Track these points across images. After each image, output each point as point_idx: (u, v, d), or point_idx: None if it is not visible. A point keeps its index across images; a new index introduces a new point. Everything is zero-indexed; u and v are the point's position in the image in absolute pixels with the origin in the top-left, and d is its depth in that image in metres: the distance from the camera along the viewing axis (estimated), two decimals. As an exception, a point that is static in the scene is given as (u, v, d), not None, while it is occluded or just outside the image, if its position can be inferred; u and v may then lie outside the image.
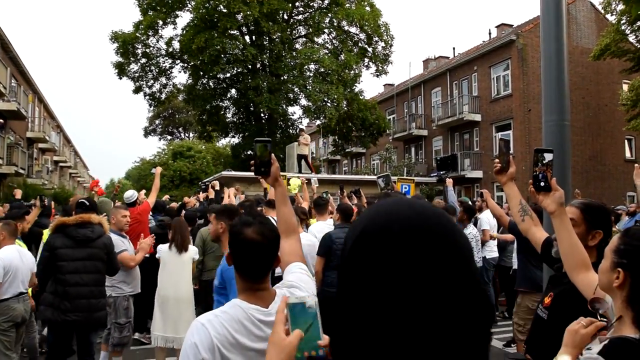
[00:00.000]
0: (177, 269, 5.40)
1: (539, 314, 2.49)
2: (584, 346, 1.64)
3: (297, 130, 21.42)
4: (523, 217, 2.52)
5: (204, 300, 5.91)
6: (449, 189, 7.92)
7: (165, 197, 10.18)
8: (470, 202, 8.60)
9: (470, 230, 7.20)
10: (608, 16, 21.74)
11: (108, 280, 5.00)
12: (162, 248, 5.46)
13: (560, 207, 2.07)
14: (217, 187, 8.90)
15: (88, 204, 4.97)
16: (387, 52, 26.24)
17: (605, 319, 1.73)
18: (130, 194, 7.51)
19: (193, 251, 5.64)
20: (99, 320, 4.69)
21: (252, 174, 2.07)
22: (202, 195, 9.32)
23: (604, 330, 1.65)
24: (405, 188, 8.73)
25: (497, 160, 2.45)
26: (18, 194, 8.05)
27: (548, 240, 2.47)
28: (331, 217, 6.22)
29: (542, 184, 2.10)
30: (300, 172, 16.55)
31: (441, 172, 7.11)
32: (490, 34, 30.69)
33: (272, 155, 2.04)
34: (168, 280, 5.36)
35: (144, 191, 7.79)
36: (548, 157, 2.12)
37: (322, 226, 5.81)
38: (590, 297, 1.86)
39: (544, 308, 2.44)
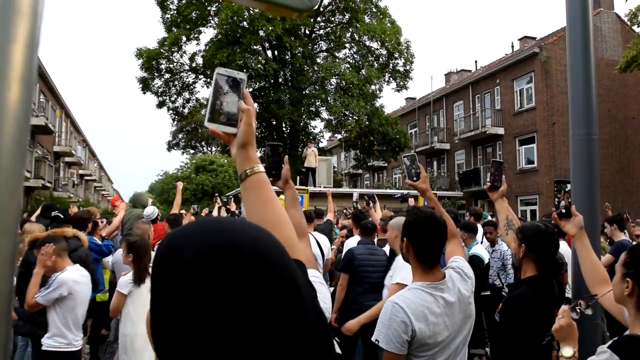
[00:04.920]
0: (143, 301, 4.12)
1: (495, 318, 2.81)
2: (574, 333, 1.89)
3: (306, 142, 20.82)
4: (507, 230, 2.94)
5: None
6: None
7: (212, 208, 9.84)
8: (491, 217, 8.43)
9: (497, 249, 6.82)
10: (634, 27, 21.41)
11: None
12: (129, 279, 4.15)
13: (580, 231, 2.40)
14: (233, 209, 8.94)
15: (62, 217, 4.83)
16: (408, 68, 26.21)
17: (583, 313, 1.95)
18: (151, 211, 7.00)
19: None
20: None
21: (275, 188, 2.07)
22: (232, 206, 9.25)
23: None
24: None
25: (488, 180, 3.04)
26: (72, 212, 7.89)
27: None
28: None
29: (564, 210, 2.44)
30: (306, 185, 16.21)
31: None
32: (513, 46, 30.55)
33: (284, 157, 2.05)
34: (138, 316, 4.08)
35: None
36: (567, 186, 2.38)
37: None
38: (614, 312, 2.11)
39: (498, 312, 2.75)
